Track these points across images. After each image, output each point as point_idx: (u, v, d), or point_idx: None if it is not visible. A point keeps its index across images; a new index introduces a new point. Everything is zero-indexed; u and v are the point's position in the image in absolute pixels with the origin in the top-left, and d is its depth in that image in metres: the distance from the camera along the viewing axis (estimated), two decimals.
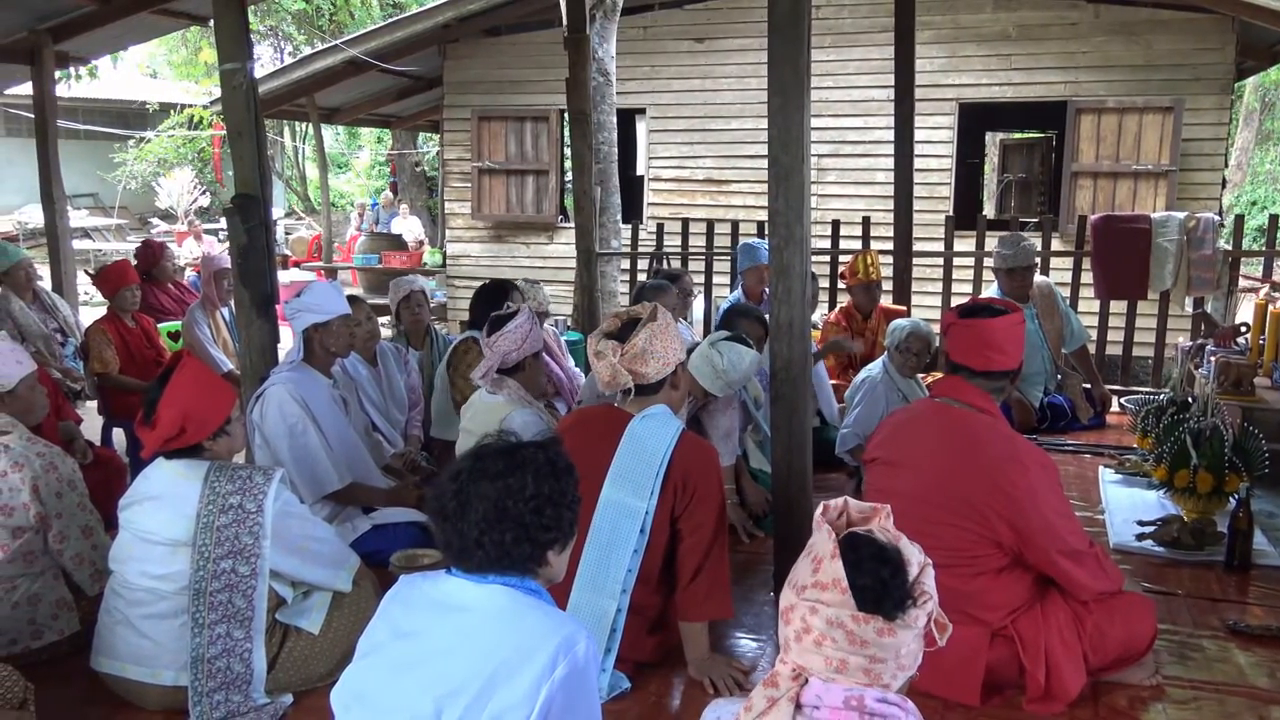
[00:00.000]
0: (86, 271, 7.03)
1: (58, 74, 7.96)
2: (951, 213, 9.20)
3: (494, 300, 4.82)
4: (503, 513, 1.79)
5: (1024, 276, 5.70)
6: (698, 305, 6.93)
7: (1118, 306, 7.18)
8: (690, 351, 4.00)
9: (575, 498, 1.90)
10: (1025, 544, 2.80)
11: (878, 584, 1.62)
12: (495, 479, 1.81)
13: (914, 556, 1.69)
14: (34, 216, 19.39)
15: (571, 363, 5.58)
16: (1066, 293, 6.61)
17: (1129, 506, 4.48)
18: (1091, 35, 9.40)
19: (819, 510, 1.77)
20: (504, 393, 3.89)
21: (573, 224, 9.88)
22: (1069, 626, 2.87)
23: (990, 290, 5.98)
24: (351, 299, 4.59)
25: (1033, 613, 2.88)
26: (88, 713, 2.74)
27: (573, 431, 3.04)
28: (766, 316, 4.58)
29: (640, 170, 12.14)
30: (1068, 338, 5.97)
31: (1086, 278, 7.07)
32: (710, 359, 3.97)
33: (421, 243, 15.62)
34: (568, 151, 11.95)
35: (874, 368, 4.99)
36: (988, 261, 6.54)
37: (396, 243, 14.47)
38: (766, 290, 6.14)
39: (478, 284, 5.30)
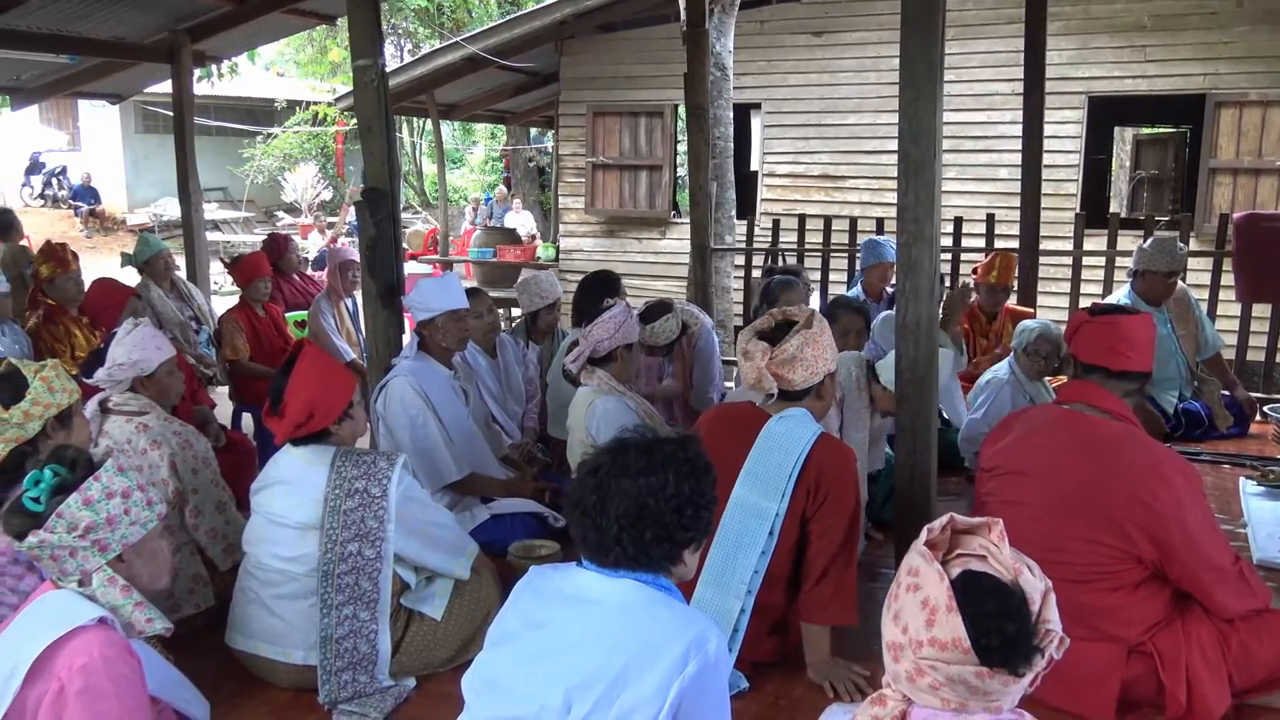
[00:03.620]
0: (221, 259, 7.31)
1: (197, 72, 8.30)
2: (1079, 210, 8.88)
3: (596, 291, 4.83)
4: (643, 511, 1.78)
5: (1175, 281, 5.46)
6: (813, 302, 6.82)
7: (1260, 310, 6.81)
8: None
9: (713, 497, 1.89)
10: (1167, 559, 2.67)
11: (1005, 643, 1.49)
12: (636, 476, 1.80)
13: (1035, 589, 1.55)
14: (168, 209, 20.31)
15: (718, 371, 5.41)
16: (1204, 295, 6.31)
17: (1273, 520, 4.23)
18: (1233, 25, 8.95)
19: (922, 535, 1.63)
20: (593, 382, 3.91)
21: (684, 219, 9.89)
22: (1212, 644, 2.73)
23: (1120, 292, 5.73)
24: (473, 291, 4.66)
25: (1173, 628, 2.75)
26: (222, 686, 2.84)
27: (711, 427, 3.01)
28: (888, 310, 4.50)
29: (754, 166, 12.06)
30: (1201, 345, 5.70)
31: (1226, 279, 6.73)
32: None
33: (534, 237, 15.83)
34: (681, 147, 11.98)
35: (1000, 369, 4.84)
36: (1121, 261, 6.29)
37: (510, 237, 14.69)
38: (888, 289, 6.05)
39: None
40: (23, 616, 2.03)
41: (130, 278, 6.28)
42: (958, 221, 7.59)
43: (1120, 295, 5.66)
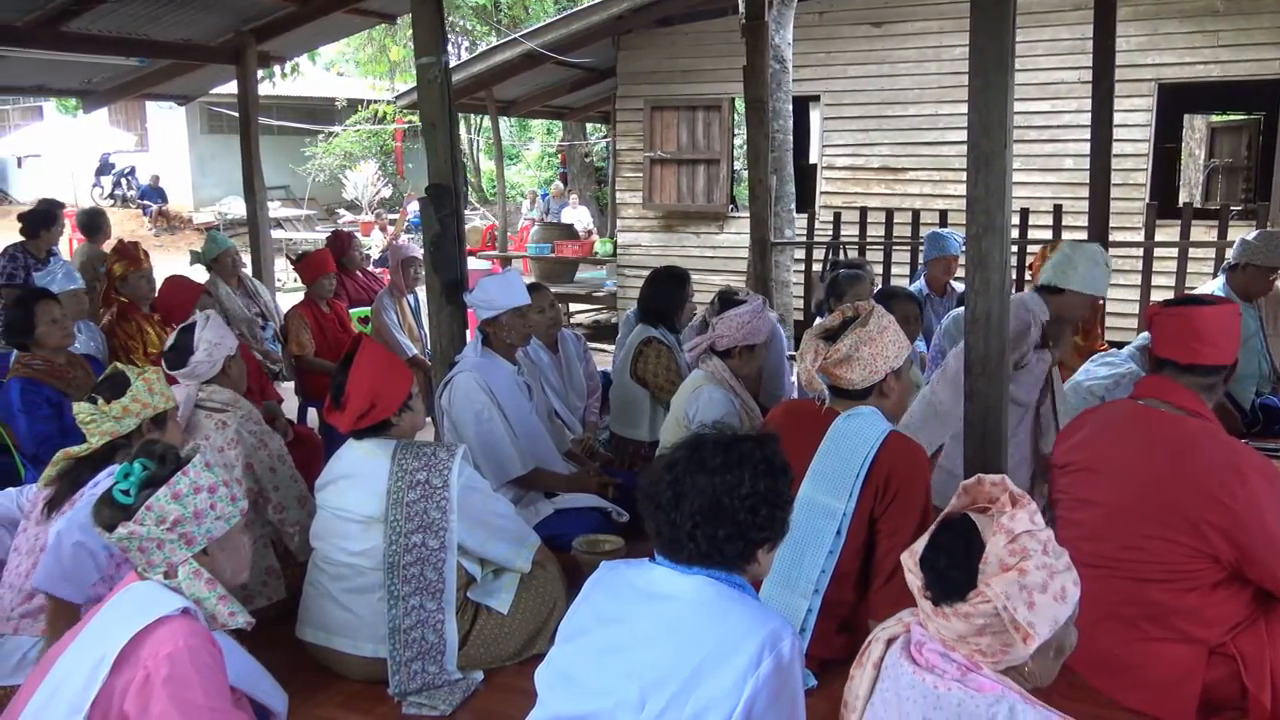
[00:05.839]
0: (287, 257, 7.42)
1: (261, 73, 8.42)
2: (1149, 200, 8.67)
3: (665, 287, 4.79)
4: (718, 508, 1.77)
5: (1276, 278, 5.29)
6: None
7: None
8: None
9: (789, 498, 1.86)
10: (1246, 559, 2.60)
11: (932, 570, 1.69)
12: (713, 473, 1.79)
13: (994, 554, 1.65)
14: (233, 208, 20.70)
15: (788, 369, 5.28)
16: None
17: None
18: None
19: (971, 480, 1.80)
20: (706, 368, 3.91)
21: (742, 213, 9.83)
22: None
23: (1215, 283, 5.53)
24: (535, 286, 4.67)
25: (1255, 629, 2.67)
26: (295, 678, 2.87)
27: (781, 424, 2.98)
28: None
29: (813, 158, 11.95)
30: None
31: None
32: (1095, 257, 3.87)
33: (590, 232, 15.86)
34: (738, 140, 11.93)
35: (1120, 363, 4.69)
36: (1195, 253, 6.10)
37: (568, 232, 14.74)
38: (951, 282, 5.95)
39: (647, 273, 5.24)
40: (109, 607, 2.08)
41: (199, 275, 6.41)
42: (1024, 213, 7.45)
43: (1215, 286, 5.46)
